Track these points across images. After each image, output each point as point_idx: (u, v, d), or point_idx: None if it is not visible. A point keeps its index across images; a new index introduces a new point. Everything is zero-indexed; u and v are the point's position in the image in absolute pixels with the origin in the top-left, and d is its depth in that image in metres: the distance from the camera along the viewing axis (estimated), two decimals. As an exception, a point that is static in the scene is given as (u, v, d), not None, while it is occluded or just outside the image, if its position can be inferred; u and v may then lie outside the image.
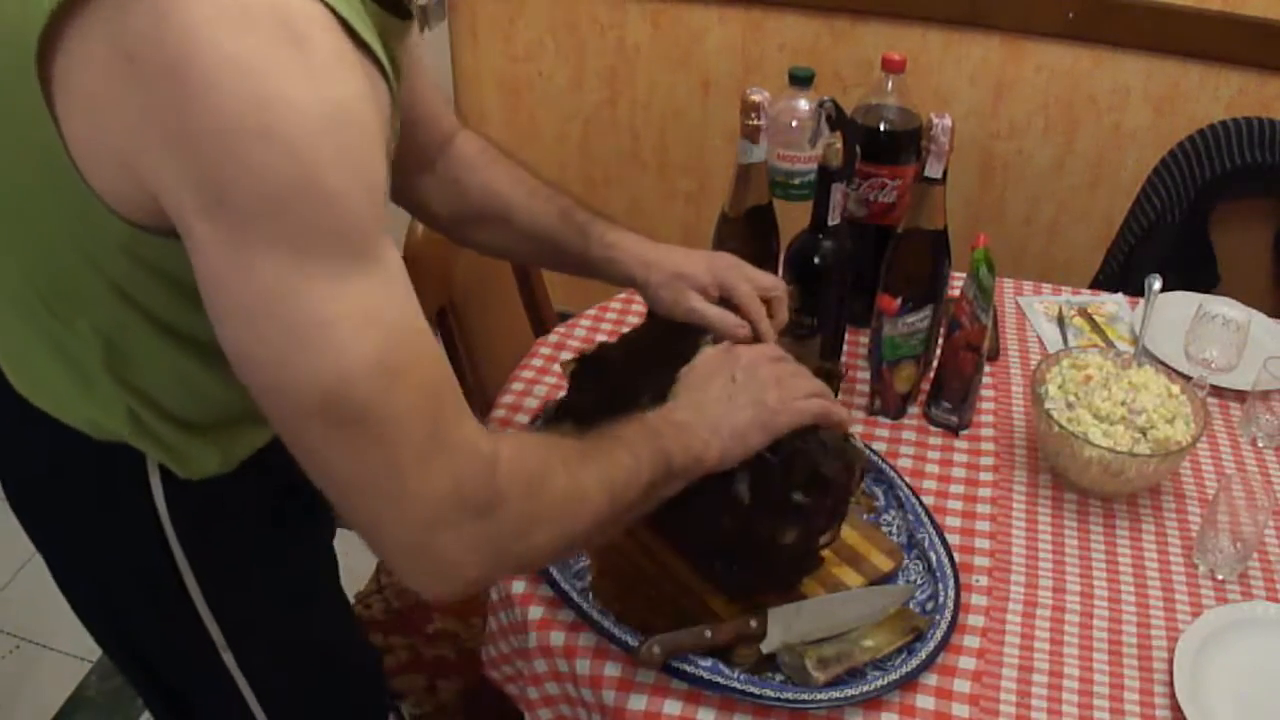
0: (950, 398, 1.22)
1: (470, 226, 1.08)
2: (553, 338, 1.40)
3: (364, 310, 0.61)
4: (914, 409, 1.26)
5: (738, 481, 0.90)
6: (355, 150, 0.60)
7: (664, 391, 0.96)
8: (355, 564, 1.99)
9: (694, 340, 1.00)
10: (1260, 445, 1.25)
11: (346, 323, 0.60)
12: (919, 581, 1.02)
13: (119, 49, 0.57)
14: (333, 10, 0.59)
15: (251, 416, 0.84)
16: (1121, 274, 1.84)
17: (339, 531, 1.13)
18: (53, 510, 0.88)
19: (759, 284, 1.02)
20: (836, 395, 1.08)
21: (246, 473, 0.86)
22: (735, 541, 0.92)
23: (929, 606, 0.98)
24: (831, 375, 1.11)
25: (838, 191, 1.13)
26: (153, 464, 0.82)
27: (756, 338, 1.01)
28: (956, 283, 1.39)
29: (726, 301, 1.02)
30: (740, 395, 0.88)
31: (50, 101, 0.62)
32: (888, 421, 1.24)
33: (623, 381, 1.00)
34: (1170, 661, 0.95)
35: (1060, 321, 1.45)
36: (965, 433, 1.23)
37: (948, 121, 1.12)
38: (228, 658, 0.92)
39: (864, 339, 1.35)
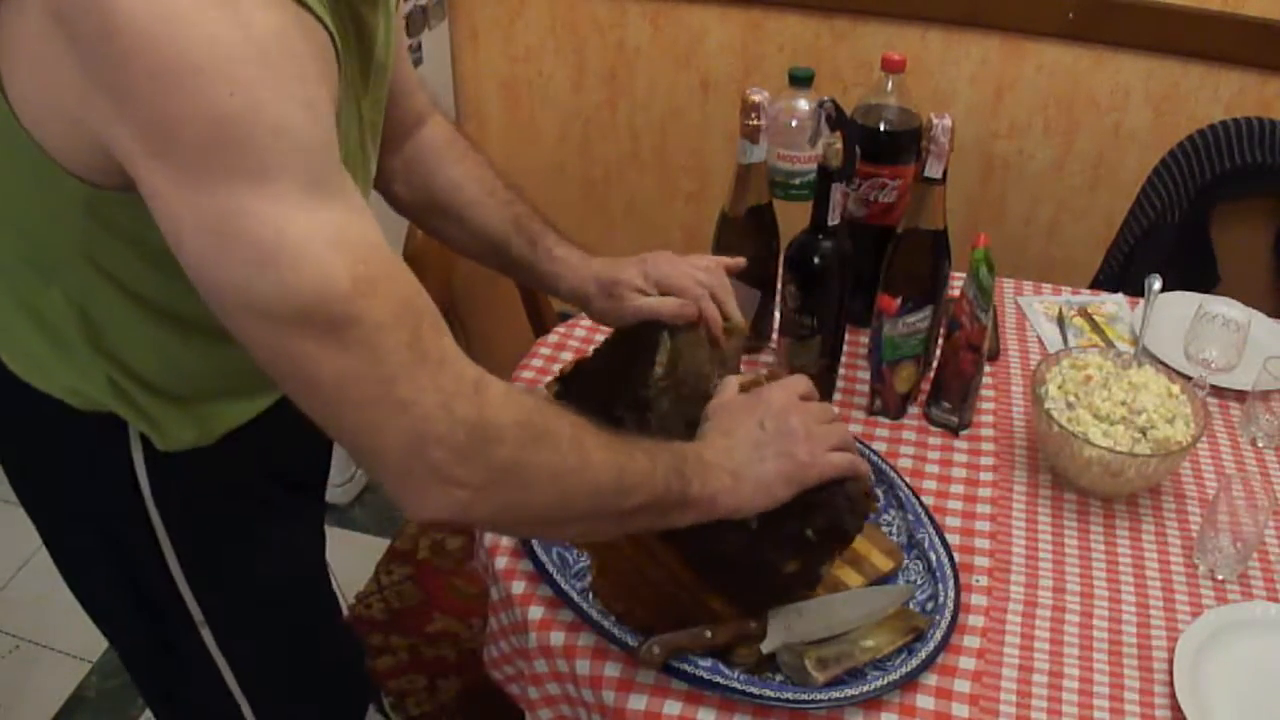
0: (950, 398, 1.22)
1: (428, 215, 1.09)
2: (553, 338, 1.40)
3: (330, 230, 0.61)
4: (914, 409, 1.26)
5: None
6: (291, 79, 0.60)
7: (634, 399, 0.96)
8: (355, 565, 1.99)
9: (652, 336, 1.02)
10: (1260, 445, 1.25)
11: (314, 242, 0.61)
12: (919, 581, 1.02)
13: (48, 10, 0.58)
14: None
15: (230, 391, 0.85)
16: (1121, 274, 1.84)
17: (335, 535, 1.13)
18: (38, 477, 0.89)
19: (696, 266, 1.05)
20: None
21: (230, 451, 0.87)
22: (736, 559, 0.92)
23: (929, 606, 0.98)
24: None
25: (838, 191, 1.13)
26: (134, 435, 0.83)
27: (738, 324, 1.03)
28: (956, 283, 1.39)
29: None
30: (769, 446, 0.86)
31: None
32: (888, 421, 1.24)
33: (599, 395, 1.00)
34: (1170, 661, 0.95)
35: (1060, 321, 1.45)
36: (965, 433, 1.23)
37: (948, 121, 1.12)
38: (206, 634, 0.92)
39: (864, 339, 1.35)
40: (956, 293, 1.20)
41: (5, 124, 0.65)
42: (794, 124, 1.39)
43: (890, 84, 1.27)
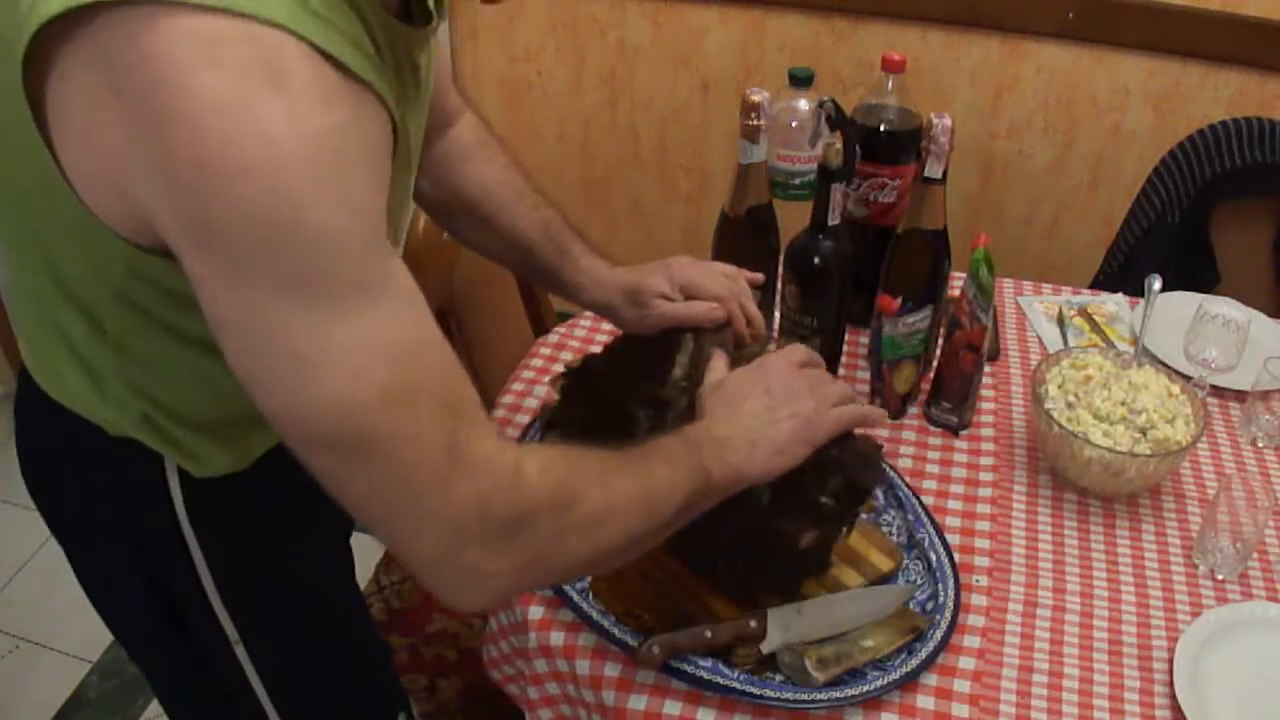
0: (950, 398, 1.22)
1: (453, 216, 1.09)
2: (553, 338, 1.40)
3: (368, 339, 0.60)
4: (914, 409, 1.26)
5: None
6: (339, 184, 0.59)
7: (652, 398, 0.97)
8: (355, 565, 1.99)
9: (675, 340, 1.02)
10: (1260, 445, 1.25)
11: (350, 353, 0.60)
12: (919, 581, 1.02)
13: (104, 78, 0.57)
14: (313, 44, 0.58)
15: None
16: (1121, 274, 1.84)
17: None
18: (71, 501, 0.89)
19: (720, 272, 1.06)
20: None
21: (263, 469, 0.87)
22: (748, 540, 0.92)
23: (929, 606, 0.98)
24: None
25: (838, 191, 1.13)
26: (170, 460, 0.82)
27: (748, 325, 1.03)
28: (956, 283, 1.39)
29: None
30: (780, 409, 0.87)
31: (42, 123, 0.62)
32: (888, 421, 1.24)
33: (610, 392, 1.00)
34: (1170, 661, 0.95)
35: (1060, 321, 1.45)
36: (965, 433, 1.23)
37: (948, 121, 1.12)
38: (240, 652, 0.92)
39: (864, 339, 1.35)
40: (956, 293, 1.20)
41: (53, 180, 0.64)
42: (794, 124, 1.39)
43: (890, 84, 1.27)
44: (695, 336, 1.02)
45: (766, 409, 0.87)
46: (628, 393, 0.99)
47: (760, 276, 1.11)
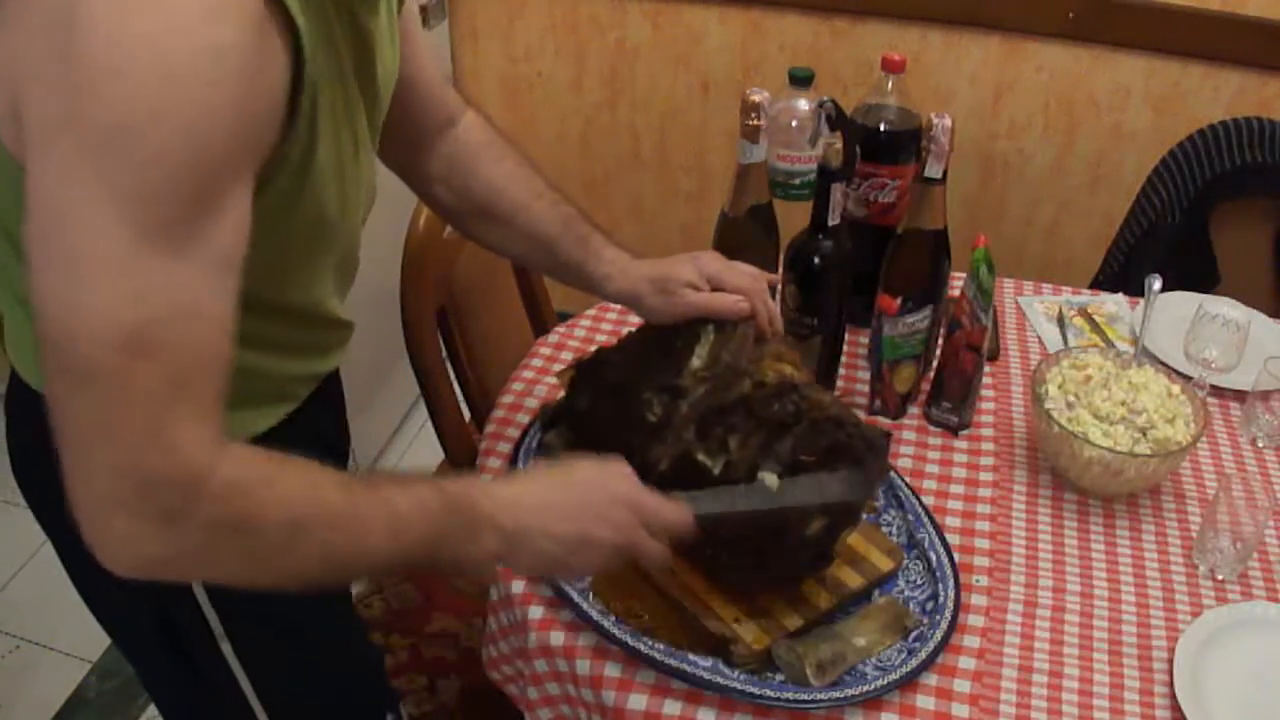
0: (950, 398, 1.22)
1: (472, 220, 1.09)
2: (553, 338, 1.40)
3: (144, 285, 0.60)
4: (914, 409, 1.26)
5: (765, 471, 0.90)
6: (206, 112, 0.59)
7: (668, 385, 0.97)
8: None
9: (695, 331, 1.02)
10: (1260, 445, 1.25)
11: (120, 282, 0.59)
12: (919, 581, 1.02)
13: None
14: None
15: (247, 401, 0.84)
16: (1121, 274, 1.84)
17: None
18: (54, 492, 0.88)
19: (745, 270, 1.06)
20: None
21: None
22: (755, 527, 0.91)
23: (929, 606, 0.98)
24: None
25: (838, 191, 1.13)
26: None
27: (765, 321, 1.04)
28: (956, 283, 1.39)
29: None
30: (574, 540, 0.81)
31: None
32: (888, 421, 1.24)
33: (623, 382, 1.00)
34: (1170, 661, 0.95)
35: (1060, 321, 1.45)
36: (965, 433, 1.23)
37: (948, 121, 1.12)
38: (225, 648, 0.92)
39: (864, 339, 1.35)
40: (956, 293, 1.20)
41: None
42: (794, 124, 1.40)
43: (890, 84, 1.28)
44: (717, 329, 1.02)
45: (566, 522, 0.81)
46: (642, 380, 0.99)
47: (776, 277, 1.12)
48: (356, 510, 0.71)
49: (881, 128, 1.28)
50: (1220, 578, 1.06)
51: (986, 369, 1.29)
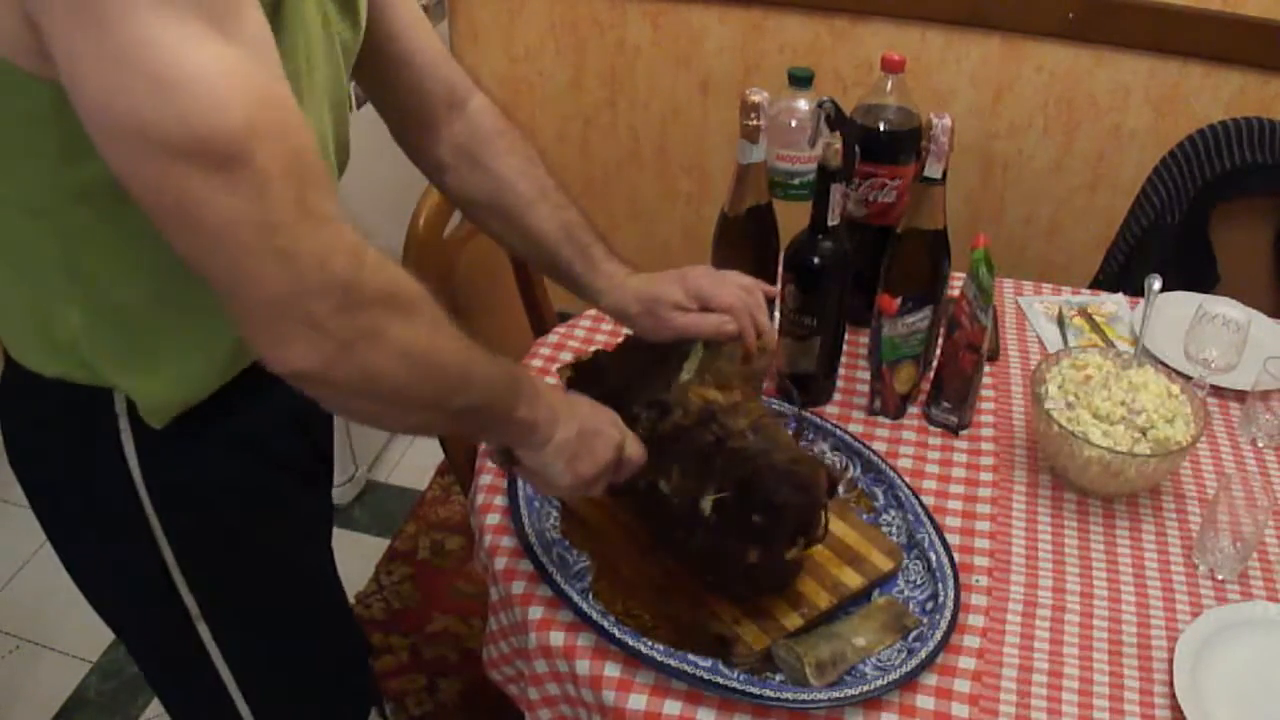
0: (950, 398, 1.22)
1: (478, 210, 1.08)
2: (553, 338, 1.40)
3: (230, 71, 0.61)
4: (914, 409, 1.26)
5: (702, 498, 0.91)
6: None
7: (656, 400, 0.97)
8: (355, 565, 1.99)
9: (685, 348, 1.03)
10: (1260, 445, 1.25)
11: (213, 80, 0.60)
12: (919, 581, 1.02)
13: None
14: None
15: (203, 345, 0.83)
16: (1121, 274, 1.84)
17: (336, 535, 1.13)
18: (36, 469, 0.89)
19: (737, 284, 1.06)
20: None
21: (224, 438, 0.87)
22: (704, 552, 0.93)
23: (929, 606, 0.98)
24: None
25: (837, 191, 1.13)
26: (121, 408, 0.82)
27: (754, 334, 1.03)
28: (956, 283, 1.39)
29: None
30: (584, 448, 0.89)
31: None
32: (888, 421, 1.24)
33: (617, 389, 1.01)
34: (1170, 661, 0.95)
35: (1060, 321, 1.45)
36: (965, 433, 1.23)
37: (948, 121, 1.12)
38: (202, 629, 0.92)
39: (864, 339, 1.35)
40: (956, 293, 1.20)
41: None
42: (794, 124, 1.40)
43: (890, 84, 1.28)
44: (706, 344, 1.03)
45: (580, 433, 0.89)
46: (633, 391, 0.99)
47: (774, 289, 1.12)
48: (441, 315, 0.76)
49: (881, 128, 1.28)
50: (1220, 578, 1.06)
51: (986, 369, 1.29)
